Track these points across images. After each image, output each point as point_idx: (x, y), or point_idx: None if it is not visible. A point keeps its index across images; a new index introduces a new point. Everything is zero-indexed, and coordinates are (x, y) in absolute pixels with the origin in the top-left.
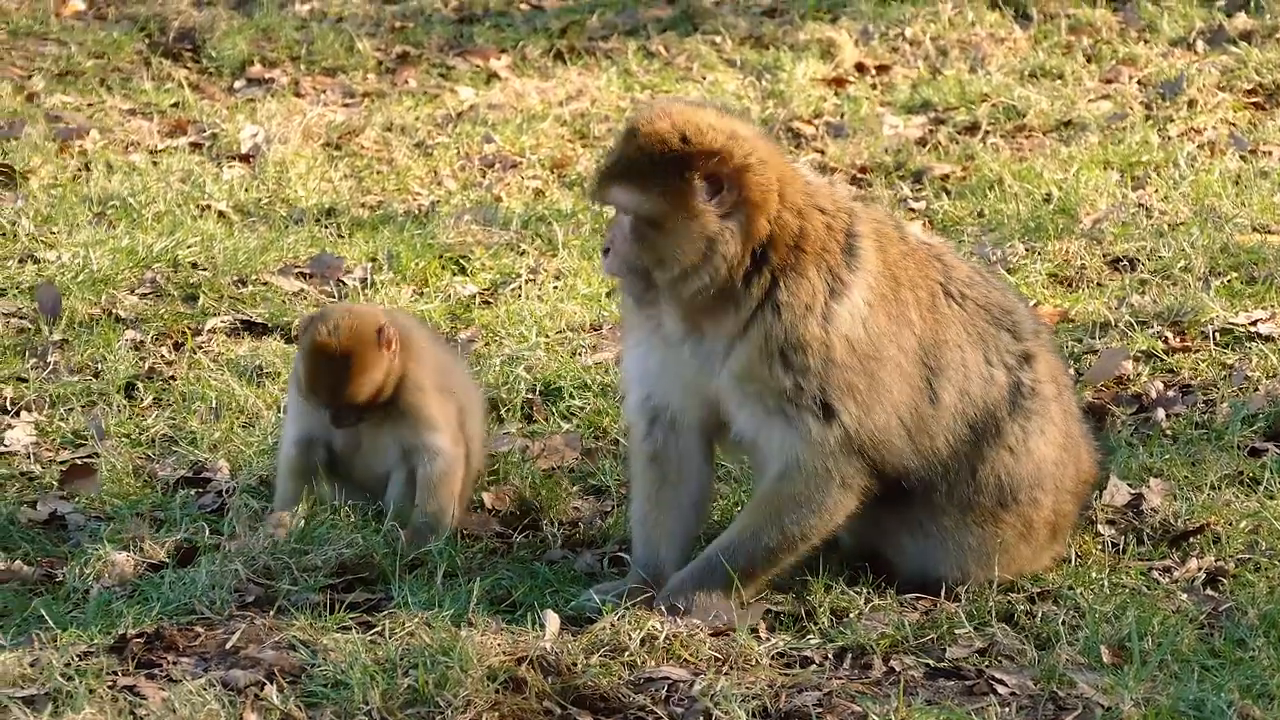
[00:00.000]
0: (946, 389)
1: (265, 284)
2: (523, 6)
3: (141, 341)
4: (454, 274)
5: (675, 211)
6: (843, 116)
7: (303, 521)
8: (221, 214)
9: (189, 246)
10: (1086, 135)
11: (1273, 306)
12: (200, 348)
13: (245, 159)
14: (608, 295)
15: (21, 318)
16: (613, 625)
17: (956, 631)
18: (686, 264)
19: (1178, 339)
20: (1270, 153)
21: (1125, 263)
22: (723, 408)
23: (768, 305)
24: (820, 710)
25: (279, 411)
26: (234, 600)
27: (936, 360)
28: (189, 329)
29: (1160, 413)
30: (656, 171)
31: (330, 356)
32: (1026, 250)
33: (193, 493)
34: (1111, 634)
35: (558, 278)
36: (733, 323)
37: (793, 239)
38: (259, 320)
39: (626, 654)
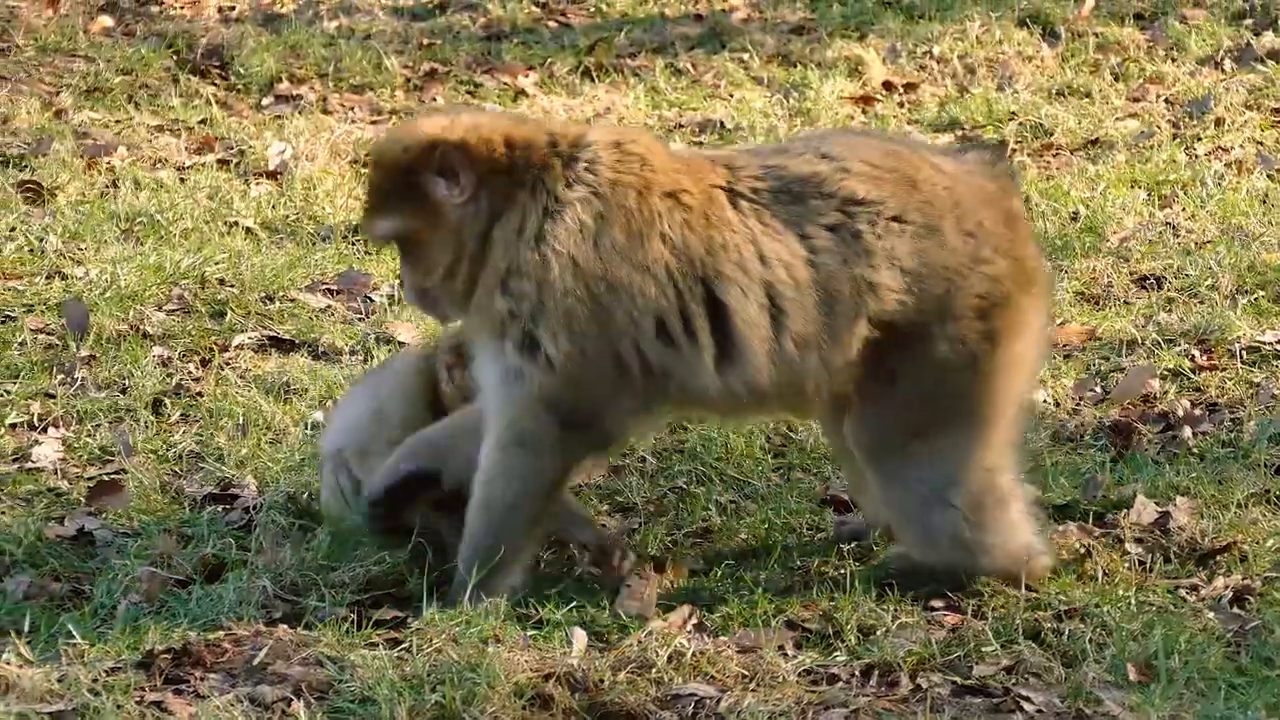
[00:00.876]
0: (733, 291)
1: (292, 301)
2: (551, 24)
3: (169, 358)
4: None
5: (424, 218)
6: None
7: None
8: (249, 231)
9: (216, 263)
10: (1114, 153)
11: None
12: (227, 364)
13: (273, 176)
14: None
15: (49, 334)
16: (640, 642)
17: (983, 649)
18: (449, 261)
19: (1204, 357)
20: None
21: (1152, 281)
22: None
23: (487, 243)
24: None
25: (306, 428)
26: (261, 616)
27: (716, 268)
28: (216, 345)
29: (1187, 431)
30: (395, 190)
31: None
32: (1054, 268)
33: (220, 509)
34: (1138, 652)
35: None
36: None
37: (507, 172)
38: (286, 337)
39: (653, 670)
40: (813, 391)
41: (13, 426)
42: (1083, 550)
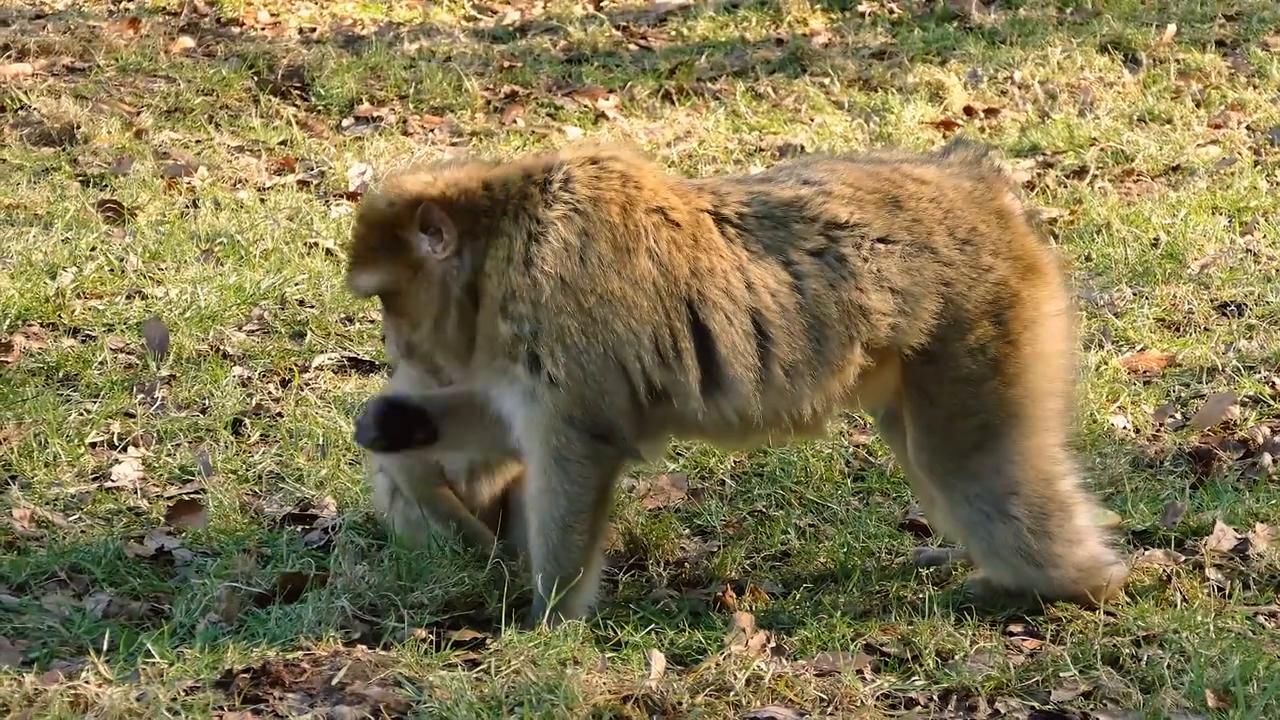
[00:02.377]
0: (717, 317)
1: (372, 321)
2: (631, 47)
3: (249, 378)
4: None
5: (408, 273)
6: None
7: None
8: (329, 252)
9: (296, 284)
10: (1195, 180)
11: None
12: (307, 384)
13: (353, 197)
14: None
15: (129, 353)
16: (718, 665)
17: (1061, 674)
18: (435, 312)
19: None
20: None
21: (1233, 308)
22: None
23: (479, 283)
24: None
25: None
26: (340, 636)
27: (700, 292)
28: (296, 366)
29: (1267, 458)
30: (380, 246)
31: None
32: (1134, 294)
33: (299, 529)
34: (1217, 678)
35: None
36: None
37: (488, 214)
38: (366, 357)
39: (731, 693)
40: (811, 417)
41: (93, 445)
42: (1163, 576)
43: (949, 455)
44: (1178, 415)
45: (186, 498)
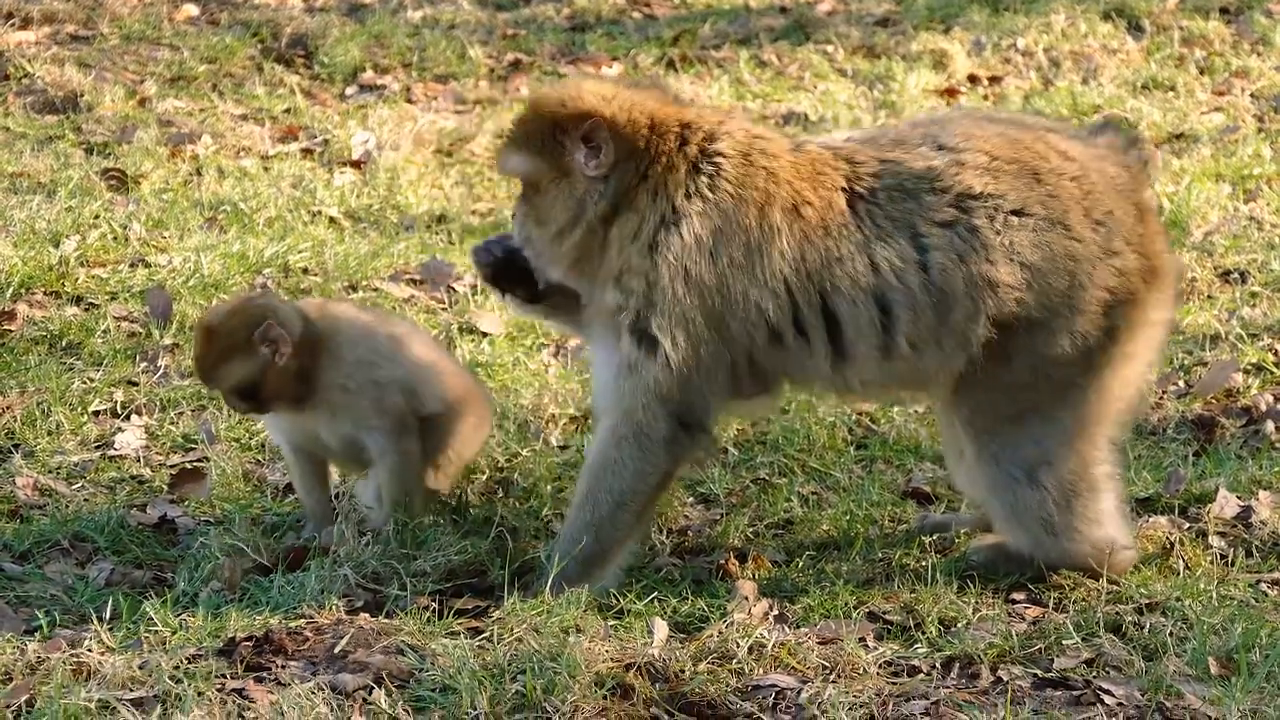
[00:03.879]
0: (844, 304)
1: (376, 290)
2: (635, 15)
3: None
4: None
5: (556, 173)
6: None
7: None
8: (332, 220)
9: (300, 252)
10: (1198, 147)
11: None
12: None
13: (356, 165)
14: None
15: (133, 321)
16: (721, 633)
17: (1064, 642)
18: (563, 223)
19: None
20: None
21: (1236, 275)
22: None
23: (607, 241)
24: (927, 719)
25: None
26: (343, 605)
27: (830, 281)
28: None
29: (1269, 425)
30: (539, 136)
31: (203, 335)
32: None
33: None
34: (1219, 645)
35: None
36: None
37: (638, 159)
38: None
39: (734, 661)
40: (933, 380)
41: (96, 414)
42: (1166, 544)
43: (995, 416)
44: (1181, 383)
45: (189, 466)
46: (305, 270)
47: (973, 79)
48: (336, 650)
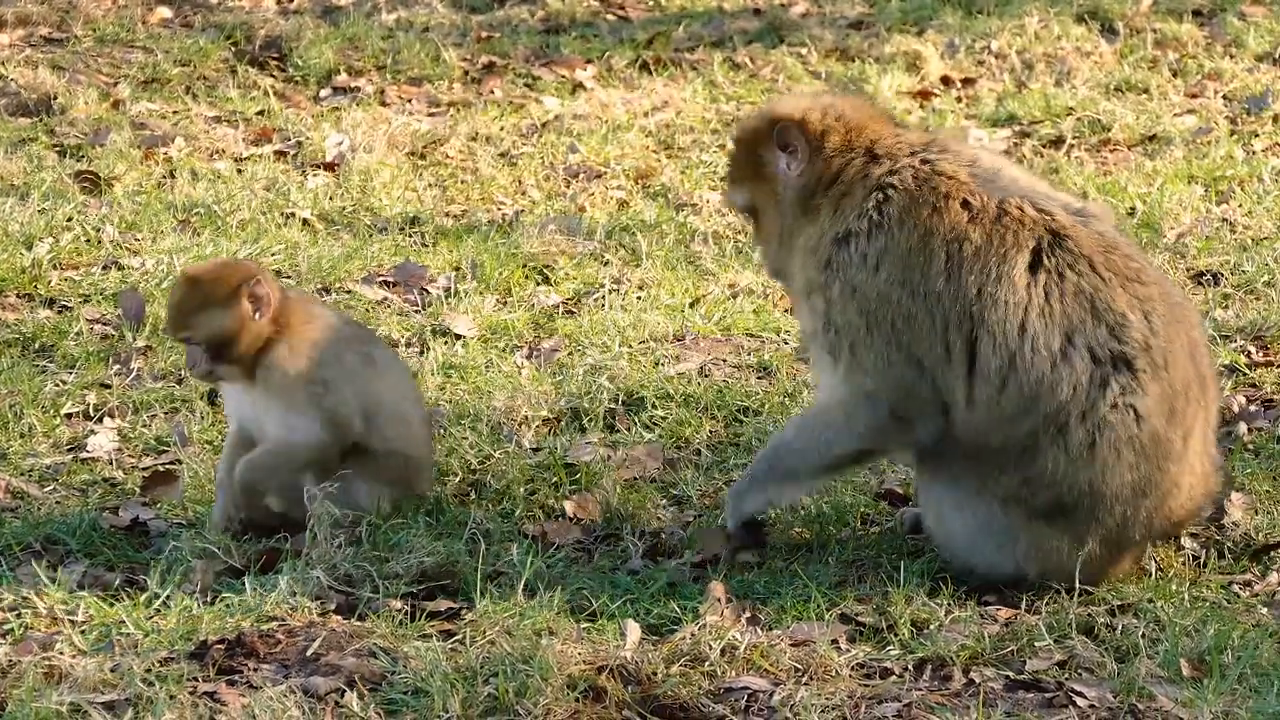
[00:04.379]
0: (986, 350)
1: (349, 292)
2: (609, 17)
3: None
4: (538, 284)
5: (760, 191)
6: (928, 129)
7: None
8: (306, 222)
9: (273, 254)
10: (1171, 149)
11: None
12: None
13: (330, 167)
14: (691, 306)
15: (105, 324)
16: (693, 635)
17: (1036, 644)
18: (785, 234)
19: (1260, 354)
20: None
21: (1209, 277)
22: None
23: (796, 249)
24: None
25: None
26: (315, 607)
27: (979, 315)
28: None
29: (1242, 427)
30: (744, 161)
31: (186, 283)
32: None
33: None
34: (1192, 647)
35: (641, 288)
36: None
37: (829, 183)
38: None
39: (706, 664)
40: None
41: (69, 416)
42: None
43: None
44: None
45: (162, 468)
46: (279, 272)
47: (946, 81)
48: (309, 653)
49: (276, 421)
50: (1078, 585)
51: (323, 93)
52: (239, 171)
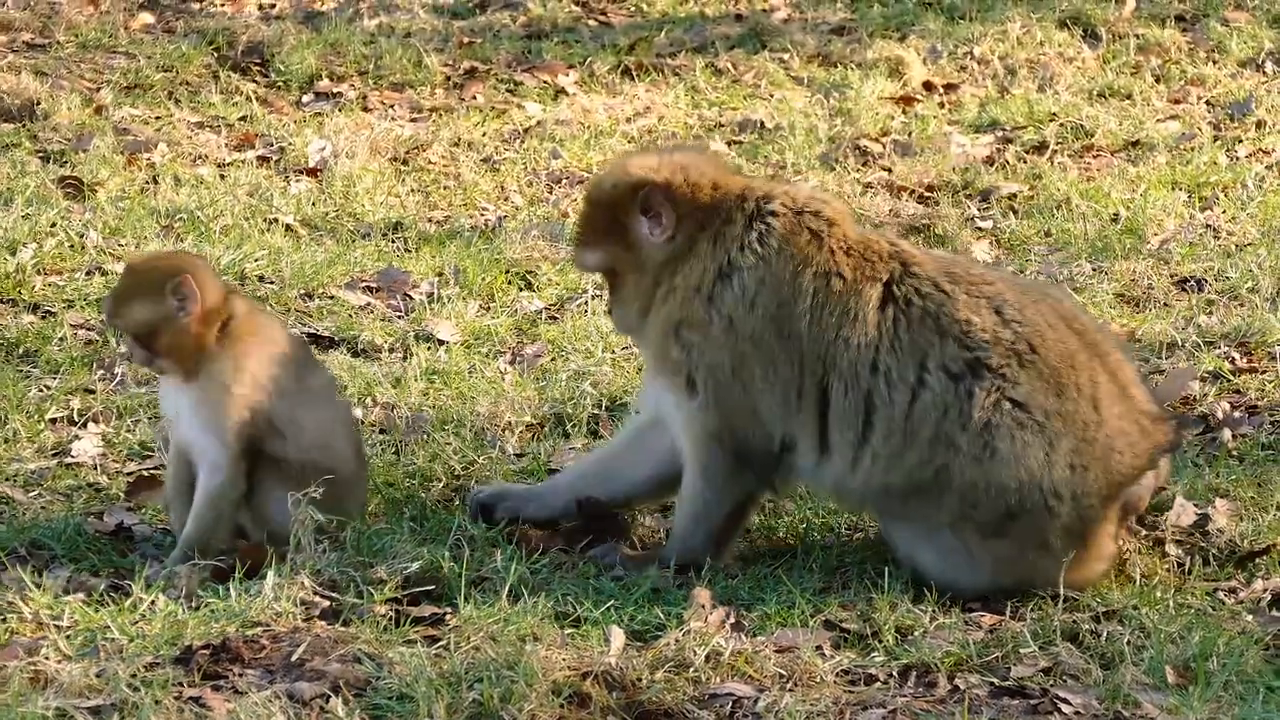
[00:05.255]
0: (838, 390)
1: (332, 298)
2: (591, 23)
3: None
4: (520, 289)
5: (619, 254)
6: (910, 135)
7: None
8: (288, 228)
9: (256, 260)
10: (1154, 155)
11: None
12: None
13: (313, 173)
14: None
15: (89, 329)
16: (678, 641)
17: (1021, 650)
18: (645, 295)
19: (1244, 359)
20: None
21: (1192, 283)
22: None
23: (669, 289)
24: None
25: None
26: (300, 613)
27: (830, 360)
28: None
29: (1226, 433)
30: (601, 224)
31: (122, 275)
32: (1093, 270)
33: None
34: (1177, 654)
35: None
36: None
37: (700, 217)
38: (325, 334)
39: (691, 670)
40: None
41: (53, 421)
42: (1122, 552)
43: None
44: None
45: (146, 473)
46: (262, 278)
47: (929, 87)
48: (293, 658)
49: (200, 439)
50: (1063, 592)
51: (305, 98)
52: (222, 177)
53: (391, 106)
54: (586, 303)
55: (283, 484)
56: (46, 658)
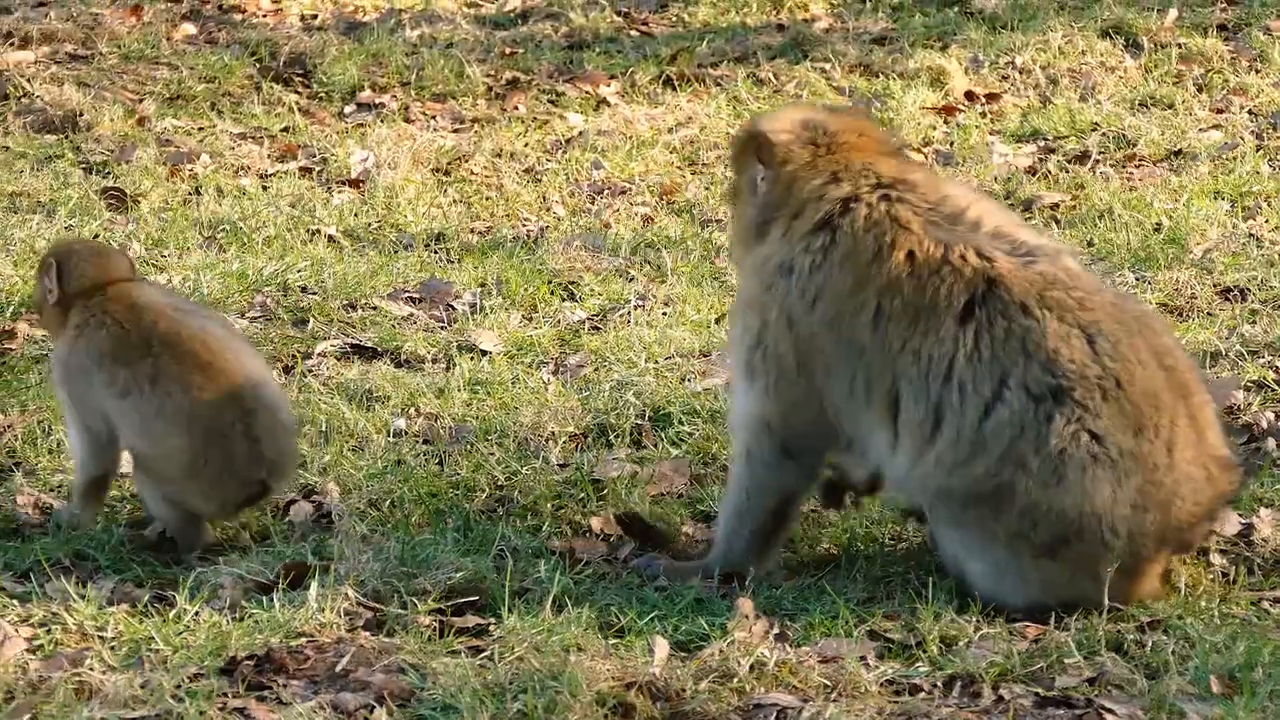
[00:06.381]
0: (907, 395)
1: (375, 308)
2: (633, 33)
3: None
4: (563, 300)
5: (738, 191)
6: (952, 145)
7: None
8: (331, 238)
9: (299, 271)
10: (1197, 165)
11: None
12: (310, 371)
13: (355, 184)
14: (716, 322)
15: None
16: (722, 651)
17: (1066, 660)
18: (743, 244)
19: None
20: None
21: (1236, 293)
22: None
23: (751, 258)
24: None
25: (389, 435)
26: (344, 623)
27: (898, 368)
28: (299, 353)
29: (1271, 443)
30: (735, 159)
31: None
32: (1136, 280)
33: (303, 515)
34: (1221, 664)
35: (666, 304)
36: None
37: (783, 203)
38: (369, 344)
39: (735, 680)
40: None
41: None
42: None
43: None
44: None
45: None
46: (304, 289)
47: (970, 96)
48: (338, 669)
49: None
50: (1106, 603)
51: (347, 109)
52: (264, 188)
53: (434, 117)
54: (629, 313)
55: (140, 472)
56: (91, 669)
